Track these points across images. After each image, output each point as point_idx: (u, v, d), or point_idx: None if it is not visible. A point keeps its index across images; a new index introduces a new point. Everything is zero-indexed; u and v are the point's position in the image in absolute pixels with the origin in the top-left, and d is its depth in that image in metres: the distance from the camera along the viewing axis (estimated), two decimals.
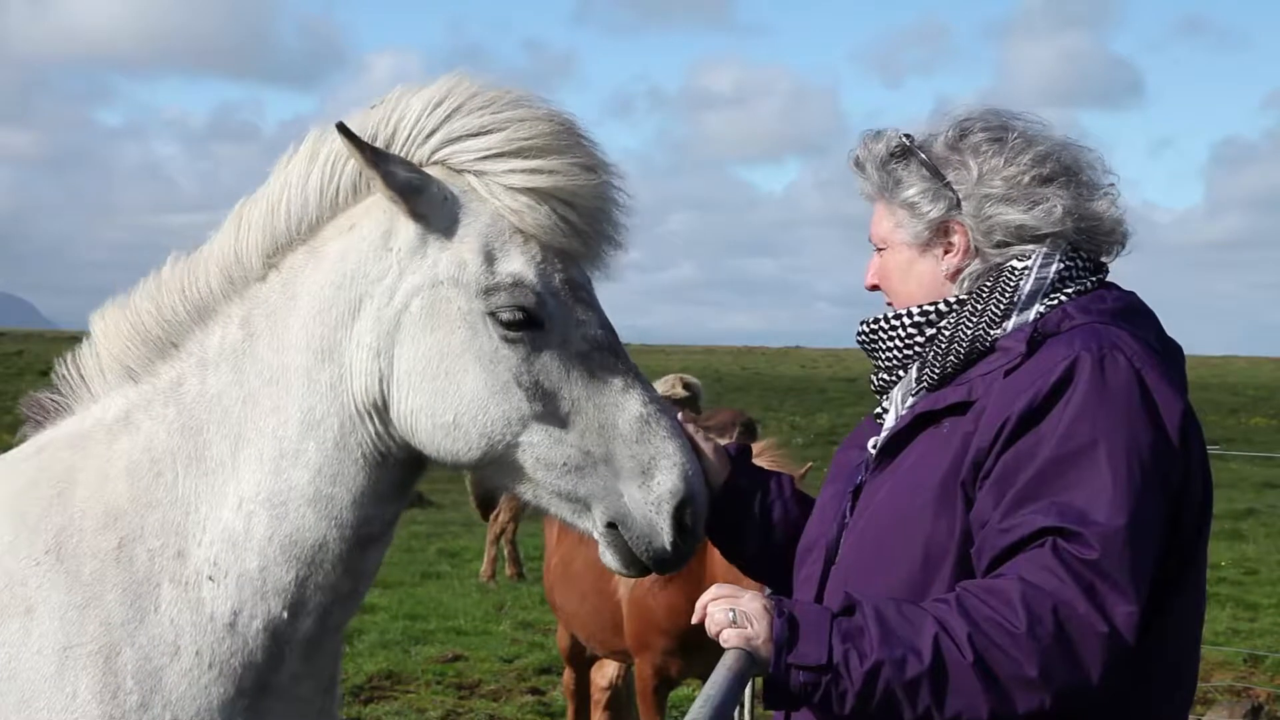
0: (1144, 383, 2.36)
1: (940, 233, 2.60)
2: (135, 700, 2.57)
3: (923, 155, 2.62)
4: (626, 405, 2.64)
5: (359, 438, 2.66)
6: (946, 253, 2.60)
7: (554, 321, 2.63)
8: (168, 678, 2.59)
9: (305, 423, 2.65)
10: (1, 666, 2.60)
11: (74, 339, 2.90)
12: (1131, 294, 2.62)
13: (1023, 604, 2.23)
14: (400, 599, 12.59)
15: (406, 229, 2.62)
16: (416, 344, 2.61)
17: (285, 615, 2.66)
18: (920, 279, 2.63)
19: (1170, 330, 2.65)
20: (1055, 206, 2.53)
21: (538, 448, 2.63)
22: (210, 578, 2.63)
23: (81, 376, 2.84)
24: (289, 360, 2.66)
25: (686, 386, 10.97)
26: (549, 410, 2.62)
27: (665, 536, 2.64)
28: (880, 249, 2.71)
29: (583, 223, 2.65)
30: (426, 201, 2.60)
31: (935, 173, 2.59)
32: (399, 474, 2.74)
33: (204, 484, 2.67)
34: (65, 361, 2.86)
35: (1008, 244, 2.55)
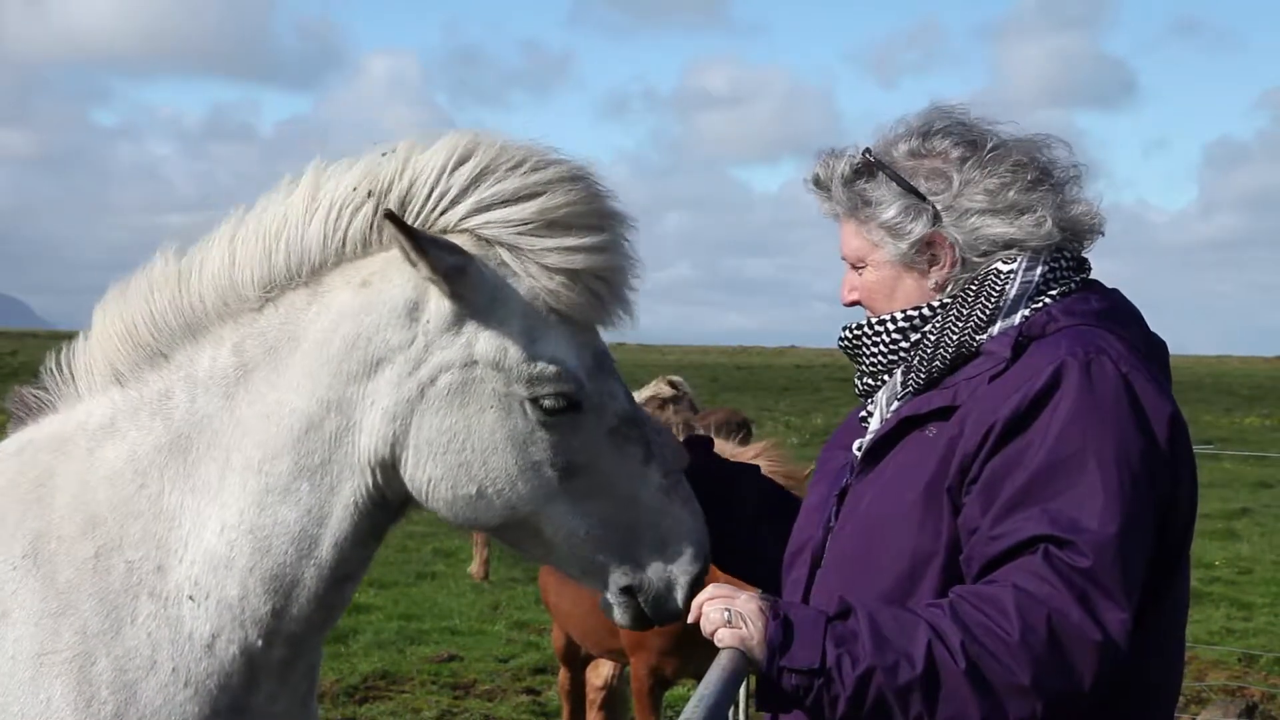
0: (1131, 387, 2.35)
1: (924, 247, 2.56)
2: (110, 710, 2.55)
3: (890, 169, 2.56)
4: (649, 477, 2.69)
5: (355, 485, 2.63)
6: (933, 266, 2.56)
7: (590, 402, 2.63)
8: (143, 691, 2.57)
9: (301, 465, 2.61)
10: None
11: (69, 339, 2.88)
12: (1115, 292, 2.61)
13: (1016, 611, 2.22)
14: (395, 599, 12.58)
15: (439, 305, 2.56)
16: (441, 418, 2.58)
17: (261, 643, 2.65)
18: (908, 295, 2.60)
19: (1164, 330, 2.64)
20: (1045, 219, 2.50)
21: (562, 517, 2.65)
22: (191, 597, 2.61)
23: (71, 374, 2.80)
24: (288, 400, 2.62)
25: (672, 385, 11.00)
26: (577, 486, 2.64)
27: (679, 602, 2.72)
28: (857, 266, 2.66)
29: (611, 296, 2.64)
30: (467, 282, 2.54)
31: (908, 187, 2.54)
32: (388, 520, 2.73)
33: (190, 500, 2.64)
34: (55, 357, 2.82)
35: (993, 252, 2.53)
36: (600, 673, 7.78)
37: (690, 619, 2.46)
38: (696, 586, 2.71)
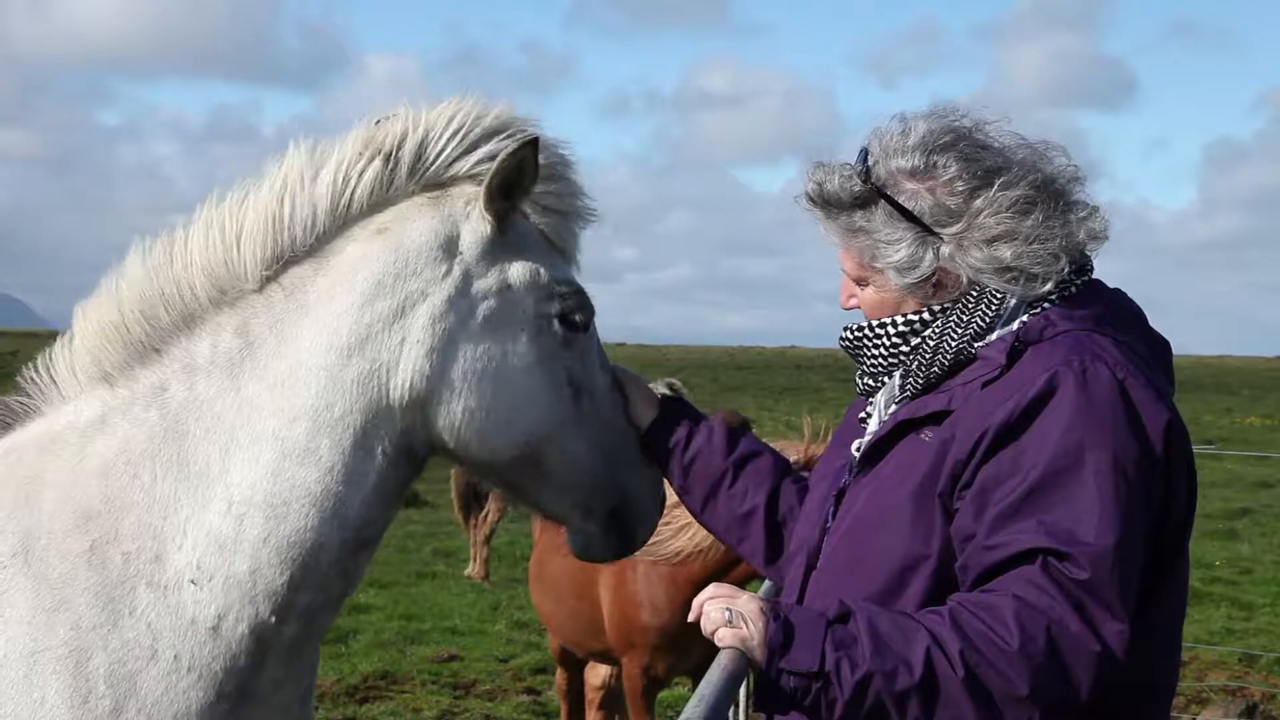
0: (1127, 394, 2.33)
1: (930, 275, 2.51)
2: (108, 705, 2.54)
3: (893, 199, 2.49)
4: (621, 403, 2.99)
5: (385, 433, 2.68)
6: (938, 290, 2.52)
7: (591, 327, 2.89)
8: (143, 682, 2.56)
9: (319, 422, 2.64)
10: None
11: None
12: (1116, 292, 2.58)
13: (1016, 621, 2.22)
14: (395, 599, 12.59)
15: (473, 238, 2.74)
16: (477, 345, 2.71)
17: (273, 619, 2.64)
18: (911, 310, 2.56)
19: (1165, 330, 2.62)
20: (1058, 254, 2.44)
21: (568, 440, 2.82)
22: (192, 581, 2.60)
23: (52, 379, 2.81)
24: (303, 361, 2.65)
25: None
26: (582, 407, 2.84)
27: (649, 528, 3.02)
28: (859, 281, 2.62)
29: (580, 239, 2.94)
30: (509, 217, 2.77)
31: (913, 219, 2.48)
32: (409, 474, 2.78)
33: (185, 487, 2.63)
34: (35, 364, 2.83)
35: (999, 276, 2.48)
36: (598, 673, 7.78)
37: (691, 618, 2.46)
38: (663, 504, 3.05)
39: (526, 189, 2.74)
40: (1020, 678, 2.21)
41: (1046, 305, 2.47)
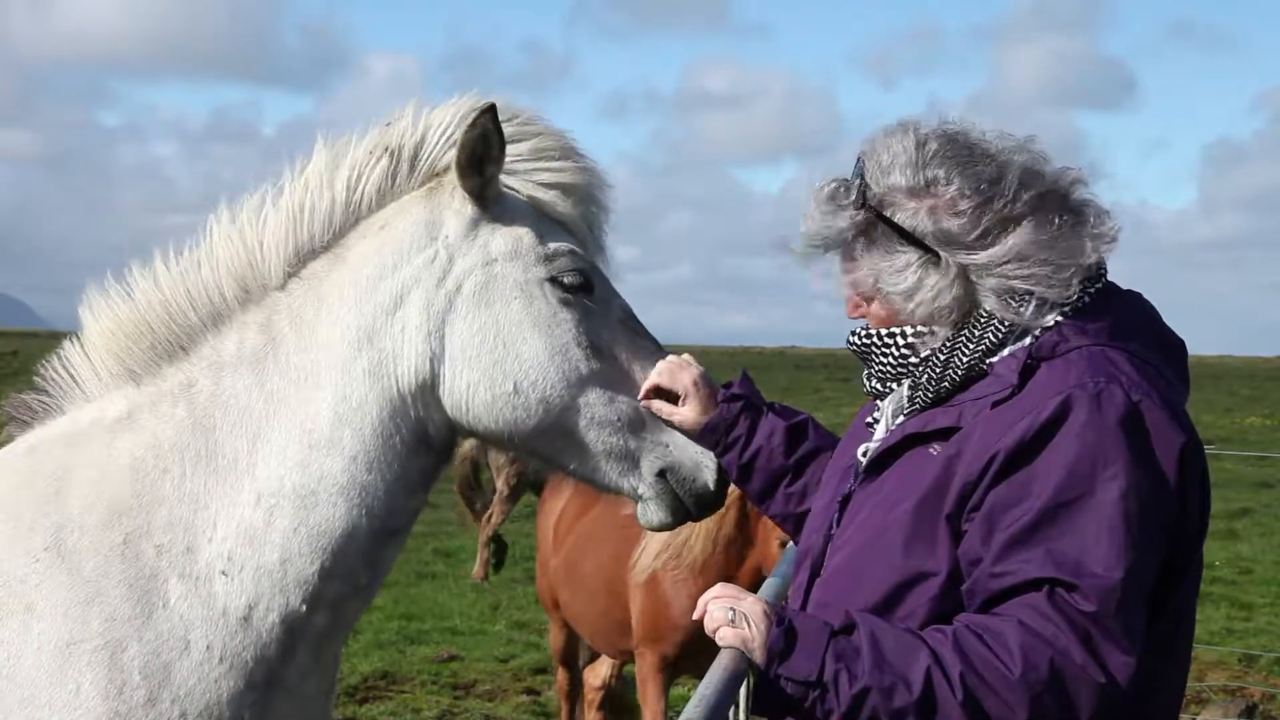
0: (1141, 419, 2.27)
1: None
2: (142, 695, 2.58)
3: (892, 220, 2.41)
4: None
5: (400, 421, 2.75)
6: (949, 309, 2.44)
7: (599, 288, 2.90)
8: (177, 672, 2.61)
9: (339, 412, 2.72)
10: (0, 665, 2.58)
11: (70, 340, 2.90)
12: (1128, 295, 2.52)
13: (1020, 649, 2.19)
14: (395, 599, 12.58)
15: (455, 219, 2.82)
16: (470, 320, 2.76)
17: (304, 608, 2.70)
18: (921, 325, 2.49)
19: None
20: (1070, 274, 2.36)
21: (594, 407, 2.82)
22: (223, 572, 2.65)
23: (72, 377, 2.85)
24: (320, 357, 2.74)
25: None
26: (604, 369, 2.83)
27: (710, 474, 2.93)
28: (864, 299, 2.55)
29: (593, 216, 2.95)
30: (488, 192, 2.83)
31: (915, 241, 2.41)
32: (430, 462, 2.83)
33: (214, 480, 2.70)
34: (52, 362, 2.87)
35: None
36: (598, 673, 7.80)
37: (695, 616, 2.45)
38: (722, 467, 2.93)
39: (496, 159, 2.79)
40: (1020, 705, 2.20)
41: (1060, 318, 2.40)
